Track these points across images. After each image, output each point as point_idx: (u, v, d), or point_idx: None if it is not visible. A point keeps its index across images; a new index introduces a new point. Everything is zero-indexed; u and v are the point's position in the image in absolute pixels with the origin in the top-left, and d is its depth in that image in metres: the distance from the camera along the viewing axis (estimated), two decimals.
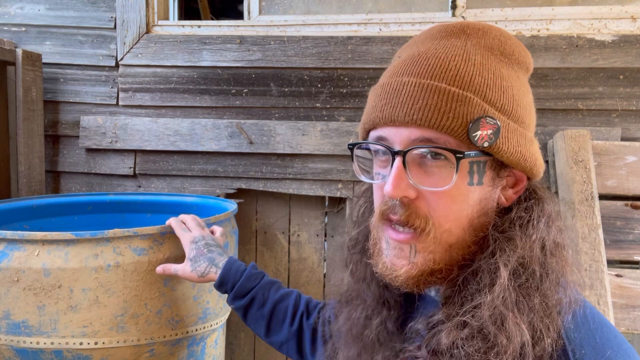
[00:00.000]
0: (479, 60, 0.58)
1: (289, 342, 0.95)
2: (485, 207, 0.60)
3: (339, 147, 1.76)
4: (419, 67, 0.58)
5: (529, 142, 0.60)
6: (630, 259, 1.49)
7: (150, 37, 1.86)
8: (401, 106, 0.57)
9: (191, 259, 1.00)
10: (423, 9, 1.86)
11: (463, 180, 0.57)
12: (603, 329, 0.54)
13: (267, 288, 0.96)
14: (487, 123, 0.55)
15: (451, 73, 0.57)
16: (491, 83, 0.57)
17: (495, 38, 0.61)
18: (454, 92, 0.56)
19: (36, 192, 1.80)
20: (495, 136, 0.55)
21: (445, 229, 0.58)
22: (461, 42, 0.61)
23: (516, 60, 0.62)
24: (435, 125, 0.55)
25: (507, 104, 0.58)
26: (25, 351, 1.05)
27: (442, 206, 0.58)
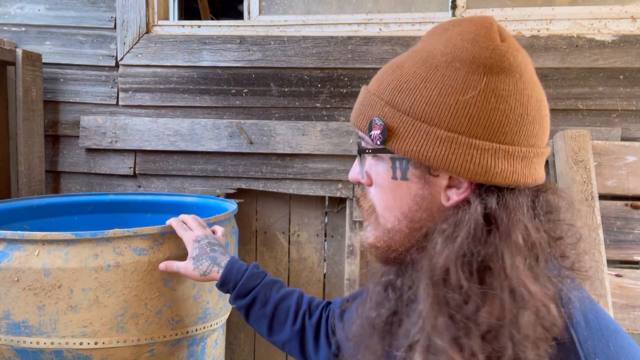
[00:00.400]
0: (409, 64, 0.62)
1: (291, 342, 0.95)
2: (421, 203, 0.62)
3: (339, 147, 1.76)
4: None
5: (448, 142, 0.56)
6: (630, 259, 1.49)
7: (150, 37, 1.86)
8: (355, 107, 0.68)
9: (194, 257, 1.00)
10: (423, 9, 1.86)
11: (387, 173, 0.64)
12: (617, 336, 0.53)
13: (268, 287, 0.97)
14: (376, 124, 0.61)
15: (379, 77, 0.65)
16: (404, 86, 0.60)
17: (448, 39, 0.60)
18: (367, 95, 0.64)
19: (36, 192, 1.80)
20: (383, 136, 0.60)
21: (380, 214, 0.66)
22: (420, 45, 0.64)
23: (463, 61, 0.57)
24: (355, 124, 0.66)
25: (416, 105, 0.58)
26: (25, 351, 1.05)
27: (376, 195, 0.66)
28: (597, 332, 0.53)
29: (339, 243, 1.91)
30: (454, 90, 0.57)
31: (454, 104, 0.56)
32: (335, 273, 1.92)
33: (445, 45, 0.59)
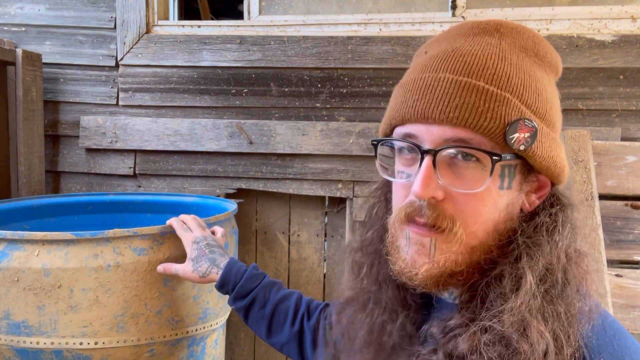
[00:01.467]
0: (515, 61, 0.57)
1: (290, 343, 0.95)
2: (511, 212, 0.59)
3: (339, 147, 1.76)
4: (454, 64, 0.56)
5: (559, 147, 0.59)
6: (630, 259, 1.49)
7: (150, 37, 1.86)
8: (436, 103, 0.54)
9: (193, 259, 1.00)
10: (423, 9, 1.86)
11: (495, 183, 0.56)
12: (621, 336, 0.53)
13: (268, 289, 0.96)
14: (525, 126, 0.54)
15: (489, 72, 0.55)
16: (527, 84, 0.56)
17: (529, 39, 0.60)
18: (492, 92, 0.54)
19: (36, 192, 1.80)
20: (532, 139, 0.54)
21: (471, 231, 0.56)
22: (495, 41, 0.58)
23: (548, 63, 0.61)
24: (472, 125, 0.53)
25: (541, 107, 0.56)
26: (25, 351, 1.05)
27: (471, 209, 0.56)
28: (602, 332, 0.53)
29: (339, 243, 1.91)
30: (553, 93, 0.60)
31: (557, 108, 0.60)
32: (335, 273, 1.92)
33: (534, 46, 0.60)
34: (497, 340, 0.52)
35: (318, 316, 0.94)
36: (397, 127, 0.60)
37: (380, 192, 0.73)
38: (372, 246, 0.72)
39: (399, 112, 0.58)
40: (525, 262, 0.55)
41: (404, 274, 0.59)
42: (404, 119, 0.58)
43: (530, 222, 0.59)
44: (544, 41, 0.61)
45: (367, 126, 1.76)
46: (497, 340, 0.52)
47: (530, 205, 0.60)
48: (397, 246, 0.61)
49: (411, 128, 0.58)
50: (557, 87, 0.63)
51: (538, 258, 0.55)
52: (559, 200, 0.61)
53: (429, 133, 0.56)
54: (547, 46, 0.61)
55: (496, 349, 0.51)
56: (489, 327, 0.53)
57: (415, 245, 0.58)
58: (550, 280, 0.55)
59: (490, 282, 0.56)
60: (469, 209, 0.56)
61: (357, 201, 1.78)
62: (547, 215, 0.59)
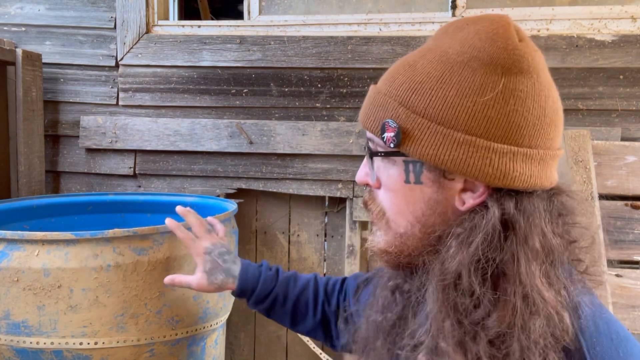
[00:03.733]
0: (422, 63, 0.58)
1: (315, 331, 0.97)
2: (435, 207, 0.60)
3: (339, 147, 1.76)
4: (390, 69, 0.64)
5: (466, 146, 0.55)
6: (630, 259, 1.49)
7: (150, 37, 1.86)
8: (361, 108, 0.66)
9: (207, 271, 0.96)
10: (423, 9, 1.86)
11: (400, 177, 0.61)
12: (627, 343, 0.52)
13: (285, 286, 0.97)
14: (389, 126, 0.58)
15: (391, 76, 0.61)
16: (419, 86, 0.57)
17: (464, 38, 0.57)
18: (377, 96, 0.61)
19: (36, 192, 1.80)
20: (397, 138, 0.58)
21: (392, 218, 0.63)
22: (432, 43, 0.61)
23: (481, 61, 0.55)
24: (365, 126, 0.63)
25: (432, 106, 0.55)
26: (25, 351, 1.05)
27: (387, 199, 0.64)
28: (607, 338, 0.52)
29: (339, 243, 1.91)
30: (472, 91, 0.55)
31: (472, 106, 0.54)
32: (335, 273, 1.92)
33: (462, 45, 0.57)
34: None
35: (337, 299, 0.96)
36: None
37: None
38: None
39: None
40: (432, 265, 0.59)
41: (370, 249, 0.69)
42: None
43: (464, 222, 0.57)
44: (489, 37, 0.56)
45: None
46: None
47: (463, 204, 0.58)
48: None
49: None
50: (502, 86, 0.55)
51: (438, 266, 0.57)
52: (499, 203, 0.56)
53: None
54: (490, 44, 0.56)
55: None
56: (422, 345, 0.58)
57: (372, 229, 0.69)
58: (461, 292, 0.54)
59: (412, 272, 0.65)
60: (384, 198, 0.64)
61: (357, 201, 1.78)
62: (467, 218, 0.57)
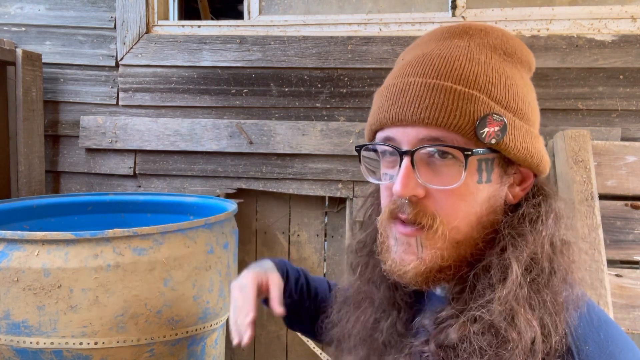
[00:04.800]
0: (482, 60, 0.59)
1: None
2: (494, 205, 0.60)
3: (339, 147, 1.76)
4: (424, 68, 0.59)
5: (534, 138, 0.61)
6: (630, 259, 1.49)
7: (150, 37, 1.86)
8: (408, 106, 0.57)
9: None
10: (423, 9, 1.86)
11: (472, 178, 0.57)
12: (607, 326, 0.55)
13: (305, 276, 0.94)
14: (494, 120, 0.56)
15: (456, 72, 0.57)
16: (495, 81, 0.58)
17: (497, 38, 0.62)
18: (460, 91, 0.56)
19: (36, 192, 1.80)
20: (503, 133, 0.56)
21: (453, 226, 0.58)
22: (464, 43, 0.61)
23: (519, 59, 0.62)
24: (442, 123, 0.56)
25: (512, 101, 0.58)
26: (25, 351, 1.05)
27: (450, 204, 0.58)
28: (588, 322, 0.54)
29: (339, 243, 1.91)
30: (525, 88, 0.61)
31: (530, 101, 0.61)
32: (335, 273, 1.92)
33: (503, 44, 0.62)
34: (486, 330, 0.53)
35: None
36: (377, 131, 0.63)
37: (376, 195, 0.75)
38: (366, 248, 0.75)
39: (377, 118, 0.62)
40: (510, 252, 0.57)
41: (394, 272, 0.61)
42: (382, 124, 0.61)
43: (514, 213, 0.61)
44: (514, 39, 0.63)
45: None
46: (487, 329, 0.53)
47: (514, 198, 0.62)
48: (387, 246, 0.64)
49: (389, 132, 0.60)
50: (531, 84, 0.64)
51: (522, 248, 0.57)
52: (542, 191, 0.63)
53: (405, 135, 0.58)
54: (517, 43, 0.63)
55: (486, 338, 0.53)
56: (478, 317, 0.54)
57: (403, 245, 0.61)
58: (536, 269, 0.56)
59: (478, 273, 0.58)
60: (448, 204, 0.58)
61: (357, 201, 1.78)
62: (530, 206, 0.61)
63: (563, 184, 1.49)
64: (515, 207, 0.62)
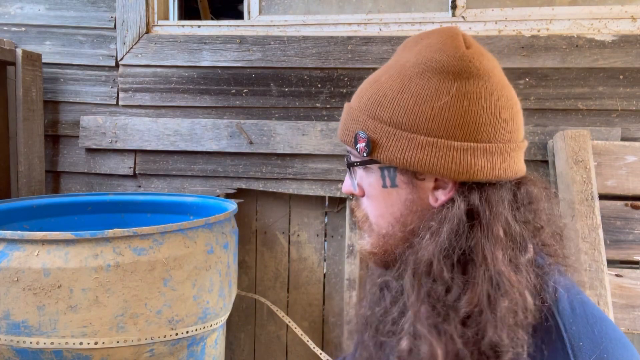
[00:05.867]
0: (385, 78, 0.65)
1: None
2: (411, 207, 0.65)
3: (339, 147, 1.76)
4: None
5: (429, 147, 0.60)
6: (630, 259, 1.49)
7: (150, 37, 1.86)
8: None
9: None
10: (423, 9, 1.86)
11: (378, 183, 0.67)
12: (602, 322, 0.55)
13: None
14: (360, 137, 0.65)
15: (359, 94, 0.69)
16: (382, 99, 0.64)
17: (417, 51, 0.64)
18: (350, 111, 0.68)
19: (36, 192, 1.80)
20: (368, 147, 0.64)
21: (374, 221, 0.69)
22: (393, 59, 0.68)
23: (434, 70, 0.61)
24: (342, 139, 0.70)
25: (395, 115, 0.62)
26: (25, 351, 1.05)
27: (369, 204, 0.70)
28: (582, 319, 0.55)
29: (339, 243, 1.91)
30: (429, 97, 0.61)
31: (430, 110, 0.60)
32: (335, 273, 1.92)
33: (416, 58, 0.64)
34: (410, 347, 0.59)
35: None
36: None
37: None
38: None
39: None
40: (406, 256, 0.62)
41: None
42: None
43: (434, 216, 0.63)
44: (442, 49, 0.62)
45: None
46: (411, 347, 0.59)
47: (436, 201, 0.64)
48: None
49: None
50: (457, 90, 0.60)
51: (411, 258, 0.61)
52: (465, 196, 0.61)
53: None
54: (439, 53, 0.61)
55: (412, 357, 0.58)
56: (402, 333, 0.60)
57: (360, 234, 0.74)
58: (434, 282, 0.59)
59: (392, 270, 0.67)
60: (367, 203, 0.70)
61: None
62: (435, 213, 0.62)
63: (563, 184, 1.49)
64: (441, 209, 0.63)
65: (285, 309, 1.95)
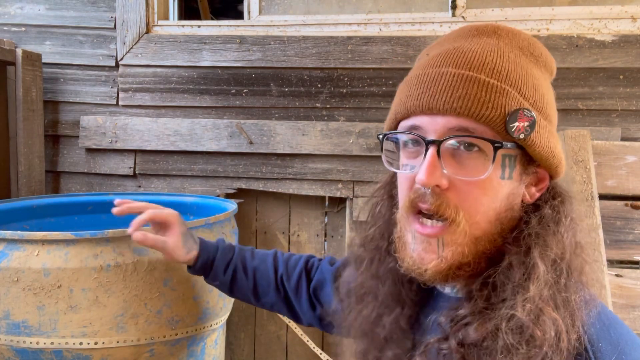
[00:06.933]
0: (512, 58, 0.60)
1: (279, 305, 0.99)
2: (511, 203, 0.60)
3: (339, 147, 1.76)
4: (456, 59, 0.59)
5: (556, 139, 0.62)
6: (630, 259, 1.49)
7: (150, 37, 1.86)
8: (440, 94, 0.57)
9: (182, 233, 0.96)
10: (423, 9, 1.86)
11: (496, 173, 0.58)
12: (616, 325, 0.56)
13: (242, 256, 0.99)
14: (524, 115, 0.56)
15: (489, 66, 0.58)
16: (524, 80, 0.59)
17: (525, 40, 0.64)
18: (493, 84, 0.57)
19: (36, 192, 1.80)
20: (531, 128, 0.56)
21: (475, 220, 0.58)
22: (494, 41, 0.62)
23: (543, 63, 0.64)
24: (474, 114, 0.56)
25: (538, 100, 0.59)
26: (25, 351, 1.05)
27: (473, 197, 0.58)
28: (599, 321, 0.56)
29: (339, 243, 1.91)
30: (548, 89, 0.62)
31: (552, 103, 0.62)
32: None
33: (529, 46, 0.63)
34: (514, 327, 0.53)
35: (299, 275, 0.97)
36: (402, 120, 0.63)
37: (384, 191, 0.75)
38: (374, 242, 0.74)
39: (404, 106, 0.61)
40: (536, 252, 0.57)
41: (413, 270, 0.61)
42: (409, 112, 0.60)
43: (534, 213, 0.61)
44: (539, 43, 0.65)
45: (367, 126, 1.76)
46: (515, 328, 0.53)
47: (530, 197, 0.62)
48: (404, 242, 0.63)
49: (416, 120, 0.60)
50: (552, 87, 0.66)
51: (547, 248, 0.58)
52: (559, 193, 0.64)
53: (433, 123, 0.58)
54: (542, 48, 0.65)
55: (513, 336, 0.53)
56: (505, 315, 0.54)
57: (422, 243, 0.60)
58: (558, 270, 0.58)
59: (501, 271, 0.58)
60: (471, 197, 0.58)
61: (357, 201, 1.78)
62: (551, 207, 0.62)
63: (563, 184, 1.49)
64: (533, 207, 0.62)
65: None
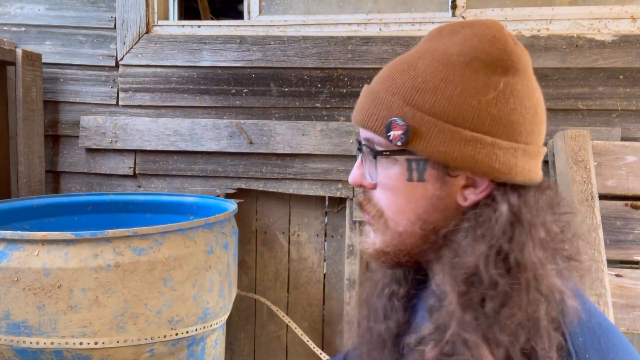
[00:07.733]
0: (423, 63, 0.60)
1: None
2: (436, 204, 0.61)
3: (339, 147, 1.76)
4: (382, 70, 0.65)
5: (473, 143, 0.57)
6: (630, 259, 1.49)
7: (150, 37, 1.86)
8: (356, 108, 0.65)
9: None
10: (423, 9, 1.86)
11: (403, 175, 0.62)
12: (608, 334, 0.54)
13: None
14: (397, 124, 0.59)
15: (392, 76, 0.62)
16: (423, 85, 0.58)
17: (462, 40, 0.60)
18: (380, 95, 0.61)
19: (36, 192, 1.80)
20: (406, 136, 0.58)
21: (391, 218, 0.64)
22: (427, 45, 0.63)
23: (482, 62, 0.58)
24: (366, 125, 0.62)
25: (438, 105, 0.57)
26: (25, 351, 1.05)
27: (385, 198, 0.64)
28: (589, 330, 0.54)
29: (339, 243, 1.91)
30: (476, 90, 0.57)
31: (477, 104, 0.57)
32: (335, 273, 1.92)
33: (462, 46, 0.59)
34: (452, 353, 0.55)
35: None
36: None
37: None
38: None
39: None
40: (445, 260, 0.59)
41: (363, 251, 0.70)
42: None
43: (462, 216, 0.60)
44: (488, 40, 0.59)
45: None
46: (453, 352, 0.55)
47: (465, 200, 0.60)
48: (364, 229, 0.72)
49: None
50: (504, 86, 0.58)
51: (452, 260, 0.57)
52: (506, 197, 0.58)
53: (360, 133, 0.67)
54: (488, 46, 0.58)
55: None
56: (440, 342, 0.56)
57: (366, 230, 0.69)
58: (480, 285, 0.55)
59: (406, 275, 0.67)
60: (384, 198, 0.64)
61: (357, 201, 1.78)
62: (474, 213, 0.59)
63: (563, 184, 1.49)
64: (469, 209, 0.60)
65: (285, 309, 1.95)
